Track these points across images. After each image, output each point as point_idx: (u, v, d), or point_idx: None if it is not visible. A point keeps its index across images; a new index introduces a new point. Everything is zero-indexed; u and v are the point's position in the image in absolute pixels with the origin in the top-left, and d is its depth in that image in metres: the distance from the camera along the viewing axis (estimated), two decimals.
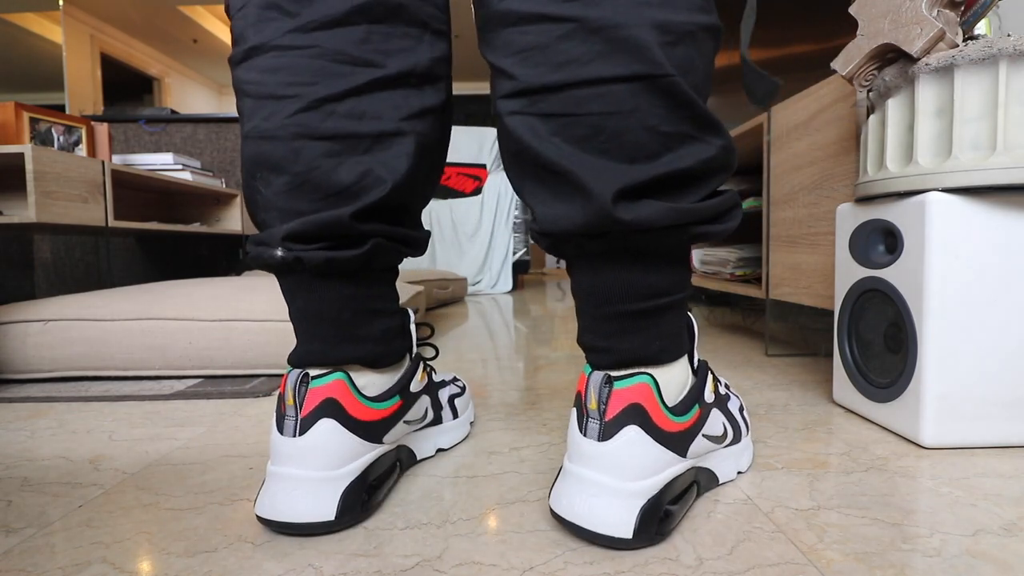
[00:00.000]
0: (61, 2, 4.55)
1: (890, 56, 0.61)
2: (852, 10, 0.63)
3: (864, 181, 0.65)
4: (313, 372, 0.44)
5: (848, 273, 0.69)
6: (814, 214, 0.90)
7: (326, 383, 0.43)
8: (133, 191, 1.96)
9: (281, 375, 0.94)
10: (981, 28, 0.66)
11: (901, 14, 0.57)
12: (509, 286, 2.79)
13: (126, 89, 5.55)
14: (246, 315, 0.93)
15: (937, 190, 0.56)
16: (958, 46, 0.55)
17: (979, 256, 0.55)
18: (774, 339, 1.24)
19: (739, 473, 0.51)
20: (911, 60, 0.57)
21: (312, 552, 0.39)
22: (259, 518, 0.42)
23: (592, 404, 0.41)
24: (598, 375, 0.41)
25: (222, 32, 5.83)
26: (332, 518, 0.41)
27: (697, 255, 1.51)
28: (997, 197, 0.55)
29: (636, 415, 0.40)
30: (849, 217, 0.69)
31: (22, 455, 0.59)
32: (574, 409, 0.43)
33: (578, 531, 0.40)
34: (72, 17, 4.73)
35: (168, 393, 0.82)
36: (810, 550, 0.39)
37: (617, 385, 0.40)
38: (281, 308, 0.94)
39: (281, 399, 0.43)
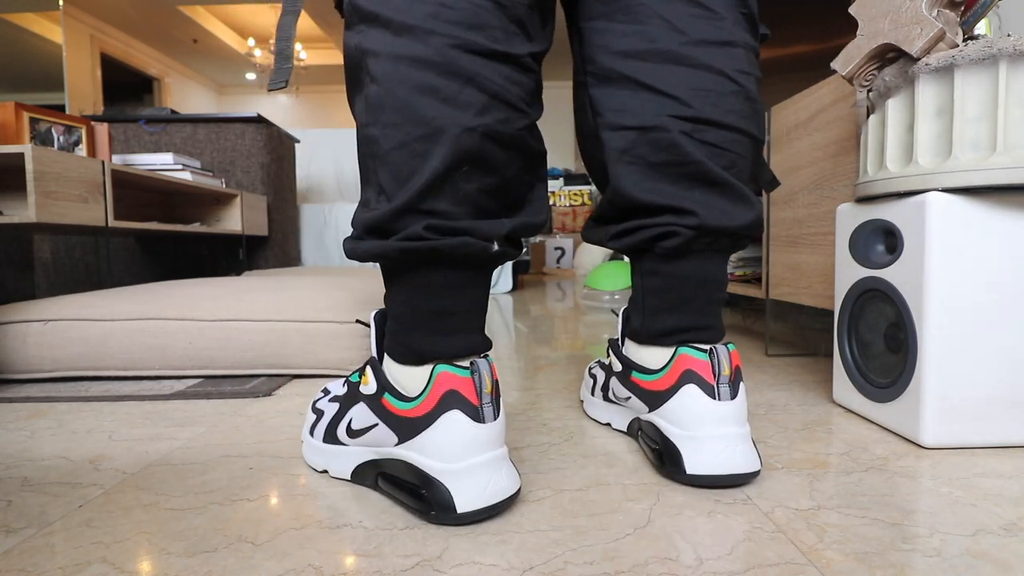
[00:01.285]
0: (61, 2, 4.56)
1: (890, 56, 0.61)
2: (852, 10, 0.63)
3: (864, 181, 0.65)
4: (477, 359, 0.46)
5: (848, 273, 0.69)
6: (814, 214, 0.90)
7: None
8: (133, 191, 1.96)
9: (281, 375, 0.94)
10: (981, 28, 0.66)
11: (901, 14, 0.57)
12: (509, 286, 2.79)
13: (126, 89, 5.55)
14: (246, 315, 0.93)
15: (937, 190, 0.56)
16: (958, 46, 0.55)
17: (979, 256, 0.55)
18: (774, 339, 1.24)
19: None
20: (911, 60, 0.57)
21: (312, 552, 0.39)
22: (467, 513, 0.42)
23: (725, 369, 0.51)
24: (721, 348, 0.51)
25: (222, 32, 5.83)
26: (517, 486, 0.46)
27: None
28: (997, 197, 0.55)
29: (740, 373, 0.52)
30: (849, 217, 0.69)
31: (22, 455, 0.59)
32: (693, 387, 0.51)
33: (730, 479, 0.48)
34: (72, 17, 4.73)
35: (168, 393, 0.82)
36: (810, 550, 0.39)
37: (731, 348, 0.52)
38: (281, 308, 0.94)
39: (476, 388, 0.44)
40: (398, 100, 0.43)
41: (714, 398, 0.50)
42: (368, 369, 0.49)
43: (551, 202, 4.67)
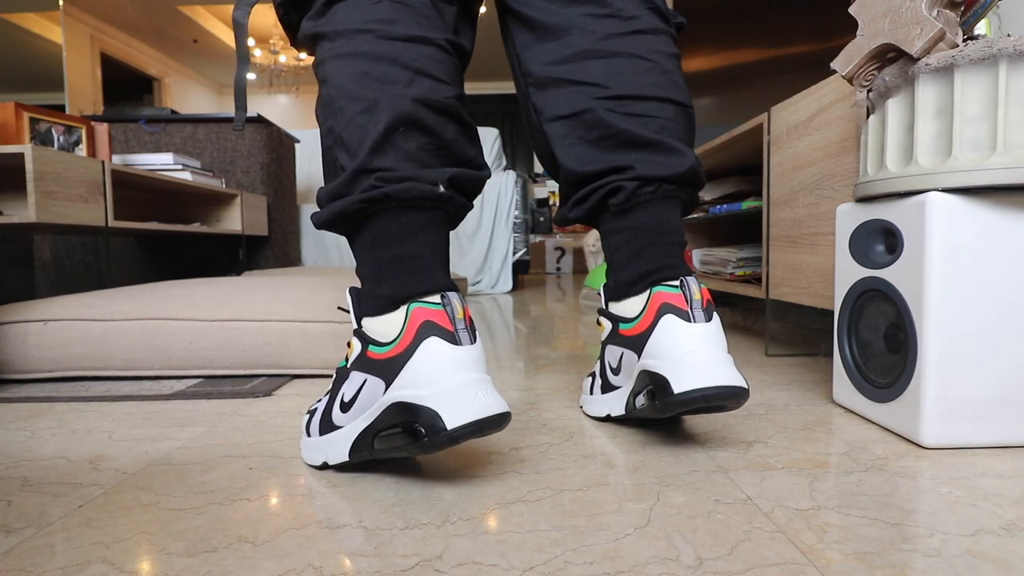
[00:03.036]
0: (61, 2, 4.56)
1: (890, 56, 0.61)
2: (852, 10, 0.63)
3: (864, 181, 0.65)
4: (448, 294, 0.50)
5: (848, 273, 0.69)
6: (814, 214, 0.90)
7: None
8: (133, 191, 1.96)
9: (281, 375, 0.94)
10: (981, 28, 0.66)
11: (901, 14, 0.57)
12: (509, 286, 2.79)
13: (126, 89, 5.55)
14: (246, 315, 0.93)
15: (937, 190, 0.56)
16: (958, 46, 0.55)
17: (979, 256, 0.55)
18: (774, 339, 1.24)
19: None
20: (911, 60, 0.57)
21: (312, 552, 0.39)
22: (457, 428, 0.43)
23: (696, 295, 0.56)
24: (691, 279, 0.57)
25: (222, 32, 5.83)
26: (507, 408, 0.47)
27: (697, 255, 1.51)
28: (997, 197, 0.55)
29: (712, 304, 0.57)
30: (849, 217, 0.69)
31: (22, 455, 0.59)
32: (670, 316, 0.55)
33: (719, 393, 0.50)
34: (72, 17, 4.73)
35: (168, 393, 0.82)
36: (810, 550, 0.39)
37: (703, 284, 0.57)
38: (281, 308, 0.94)
39: (448, 317, 0.48)
40: (341, 88, 0.51)
41: (689, 321, 0.54)
42: (352, 339, 0.53)
43: (551, 202, 4.67)
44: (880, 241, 0.64)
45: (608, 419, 0.68)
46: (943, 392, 0.56)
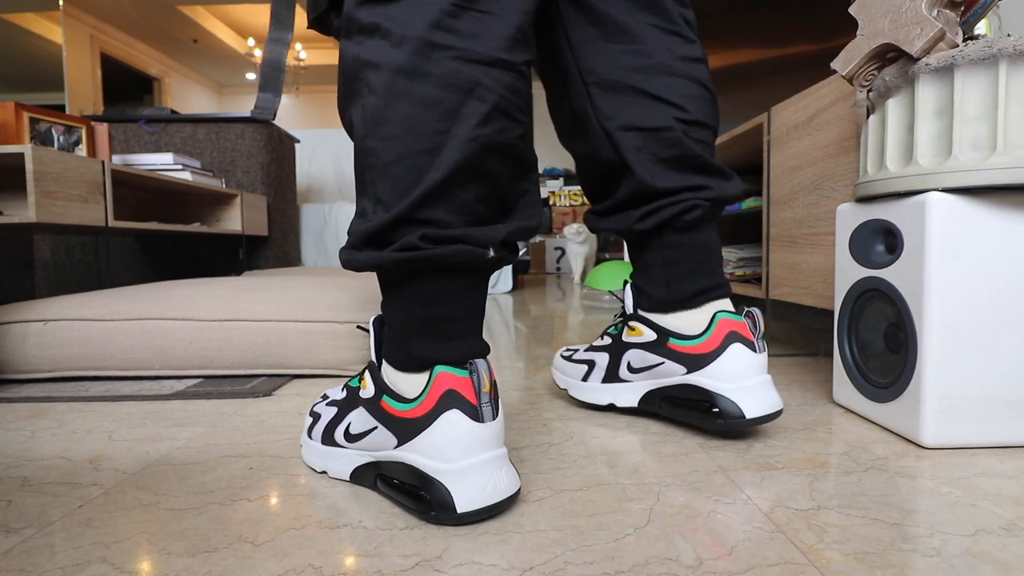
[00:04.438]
0: (61, 2, 4.55)
1: (890, 56, 0.61)
2: (852, 10, 0.63)
3: (864, 181, 0.65)
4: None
5: (848, 273, 0.69)
6: (814, 214, 0.90)
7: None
8: (133, 191, 1.96)
9: (281, 375, 0.94)
10: (981, 28, 0.66)
11: (901, 14, 0.57)
12: (509, 286, 2.79)
13: (126, 89, 5.55)
14: (246, 315, 0.93)
15: (937, 190, 0.56)
16: (958, 46, 0.55)
17: (979, 256, 0.55)
18: (774, 339, 1.24)
19: None
20: (911, 60, 0.57)
21: (312, 552, 0.39)
22: (467, 513, 0.42)
23: (762, 327, 0.61)
24: (756, 310, 0.61)
25: (222, 32, 5.83)
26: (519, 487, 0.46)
27: None
28: (997, 197, 0.55)
29: None
30: (849, 217, 0.69)
31: (22, 455, 0.59)
32: (739, 345, 0.59)
33: (773, 415, 0.58)
34: (72, 17, 4.73)
35: (168, 393, 0.82)
36: (810, 550, 0.39)
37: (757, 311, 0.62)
38: (281, 308, 0.94)
39: (474, 388, 0.44)
40: (398, 113, 0.43)
41: (755, 352, 0.59)
42: (367, 373, 0.50)
43: (551, 202, 4.67)
44: (880, 241, 0.64)
45: (610, 408, 0.70)
46: (943, 392, 0.56)
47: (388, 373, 0.49)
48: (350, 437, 0.50)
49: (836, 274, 0.72)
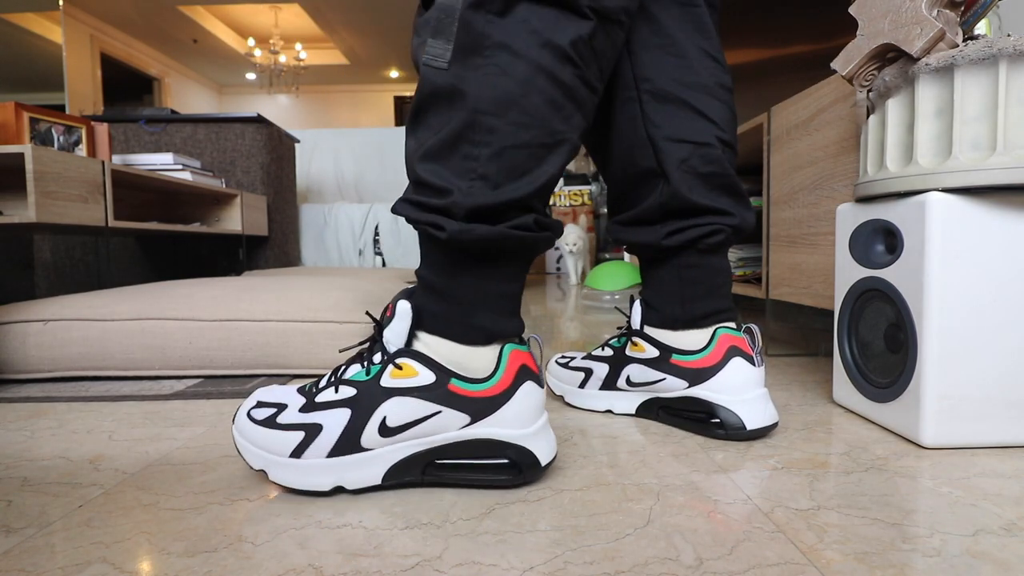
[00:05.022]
0: (61, 2, 4.56)
1: (890, 56, 0.61)
2: (852, 10, 0.63)
3: (864, 181, 0.65)
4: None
5: (848, 273, 0.69)
6: (814, 214, 0.90)
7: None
8: (133, 191, 1.96)
9: (281, 375, 0.94)
10: (981, 28, 0.66)
11: (901, 14, 0.57)
12: None
13: (126, 89, 5.56)
14: (246, 315, 0.93)
15: (937, 190, 0.56)
16: (958, 46, 0.55)
17: (979, 256, 0.55)
18: (774, 339, 1.24)
19: None
20: (911, 60, 0.57)
21: (312, 552, 0.39)
22: (549, 463, 0.50)
23: (760, 343, 0.64)
24: (753, 326, 0.64)
25: (222, 32, 5.83)
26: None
27: None
28: (997, 197, 0.55)
29: None
30: (849, 217, 0.69)
31: (22, 455, 0.59)
32: (739, 359, 0.61)
33: (772, 427, 0.61)
34: (72, 17, 4.73)
35: (168, 393, 0.82)
36: (810, 550, 0.39)
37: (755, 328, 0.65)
38: (281, 308, 0.94)
39: (535, 360, 0.51)
40: (532, 106, 0.47)
41: (754, 365, 0.61)
42: (410, 361, 0.48)
43: (552, 202, 4.68)
44: (880, 241, 0.64)
45: (608, 413, 0.71)
46: (943, 392, 0.56)
47: (445, 349, 0.50)
48: (391, 431, 0.48)
49: (836, 274, 0.72)
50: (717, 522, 0.43)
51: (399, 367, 0.48)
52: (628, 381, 0.68)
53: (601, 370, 0.71)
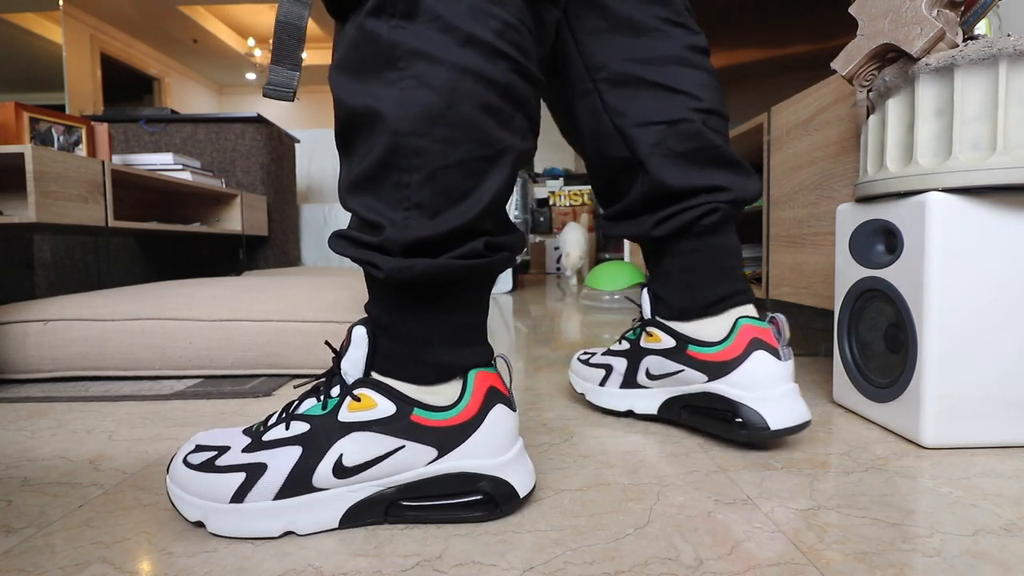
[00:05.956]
0: (61, 2, 4.55)
1: (890, 56, 0.61)
2: (852, 10, 0.63)
3: (864, 181, 0.65)
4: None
5: (848, 273, 0.69)
6: (814, 214, 0.90)
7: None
8: (133, 191, 1.96)
9: (281, 375, 0.94)
10: (981, 28, 0.66)
11: (901, 14, 0.57)
12: (509, 286, 2.79)
13: (126, 89, 5.55)
14: (246, 315, 0.93)
15: (937, 190, 0.56)
16: (958, 46, 0.55)
17: (979, 256, 0.55)
18: None
19: None
20: (911, 60, 0.57)
21: (312, 552, 0.39)
22: (527, 494, 0.46)
23: (787, 334, 0.58)
24: (780, 316, 0.58)
25: (222, 32, 5.83)
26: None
27: None
28: (997, 197, 0.55)
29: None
30: (849, 217, 0.69)
31: (22, 455, 0.59)
32: (762, 352, 0.56)
33: (801, 427, 0.55)
34: (72, 17, 4.72)
35: (168, 393, 0.82)
36: (810, 550, 0.39)
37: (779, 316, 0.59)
38: (281, 308, 0.94)
39: (503, 381, 0.47)
40: (461, 116, 0.41)
41: (779, 359, 0.57)
42: (368, 391, 0.43)
43: (551, 202, 4.67)
44: (880, 241, 0.64)
45: (628, 415, 0.69)
46: (943, 392, 0.56)
47: (401, 388, 0.45)
48: (347, 471, 0.42)
49: (836, 274, 0.72)
50: (717, 522, 0.43)
51: (357, 399, 0.43)
52: (648, 375, 0.65)
53: (620, 365, 0.68)
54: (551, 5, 0.47)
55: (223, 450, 0.44)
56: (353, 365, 0.44)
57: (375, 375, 0.45)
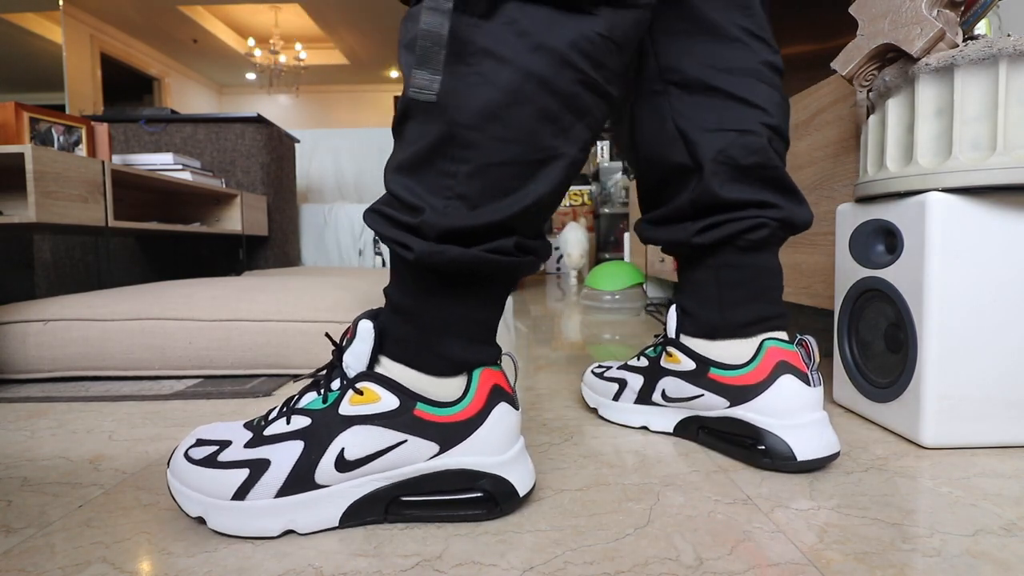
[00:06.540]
0: (61, 2, 4.55)
1: (890, 56, 0.61)
2: (852, 10, 0.63)
3: (864, 181, 0.65)
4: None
5: (848, 273, 0.69)
6: (814, 214, 0.90)
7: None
8: (133, 191, 1.96)
9: (281, 375, 0.94)
10: (981, 28, 0.66)
11: (901, 14, 0.57)
12: None
13: (126, 89, 5.55)
14: (246, 315, 0.93)
15: (937, 190, 0.56)
16: (958, 46, 0.55)
17: (979, 256, 0.55)
18: None
19: None
20: (911, 60, 0.57)
21: (312, 552, 0.39)
22: (528, 493, 0.46)
23: (817, 357, 0.55)
24: (810, 338, 0.55)
25: (222, 32, 5.83)
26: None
27: None
28: (997, 197, 0.55)
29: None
30: (849, 217, 0.69)
31: (22, 455, 0.59)
32: (790, 377, 0.53)
33: (830, 458, 0.52)
34: (72, 17, 4.72)
35: (168, 393, 0.82)
36: (810, 550, 0.39)
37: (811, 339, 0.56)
38: (280, 308, 0.94)
39: (507, 379, 0.47)
40: (519, 120, 0.41)
41: (809, 385, 0.53)
42: (371, 384, 0.43)
43: None
44: (880, 241, 0.64)
45: (643, 431, 0.65)
46: (943, 392, 0.56)
47: (407, 377, 0.45)
48: (349, 465, 0.42)
49: (836, 274, 0.72)
50: (717, 522, 0.43)
51: (359, 392, 0.43)
52: (664, 396, 0.62)
53: (636, 382, 0.65)
54: (643, 11, 0.45)
55: (225, 445, 0.44)
56: (356, 359, 0.44)
57: (383, 360, 0.45)
